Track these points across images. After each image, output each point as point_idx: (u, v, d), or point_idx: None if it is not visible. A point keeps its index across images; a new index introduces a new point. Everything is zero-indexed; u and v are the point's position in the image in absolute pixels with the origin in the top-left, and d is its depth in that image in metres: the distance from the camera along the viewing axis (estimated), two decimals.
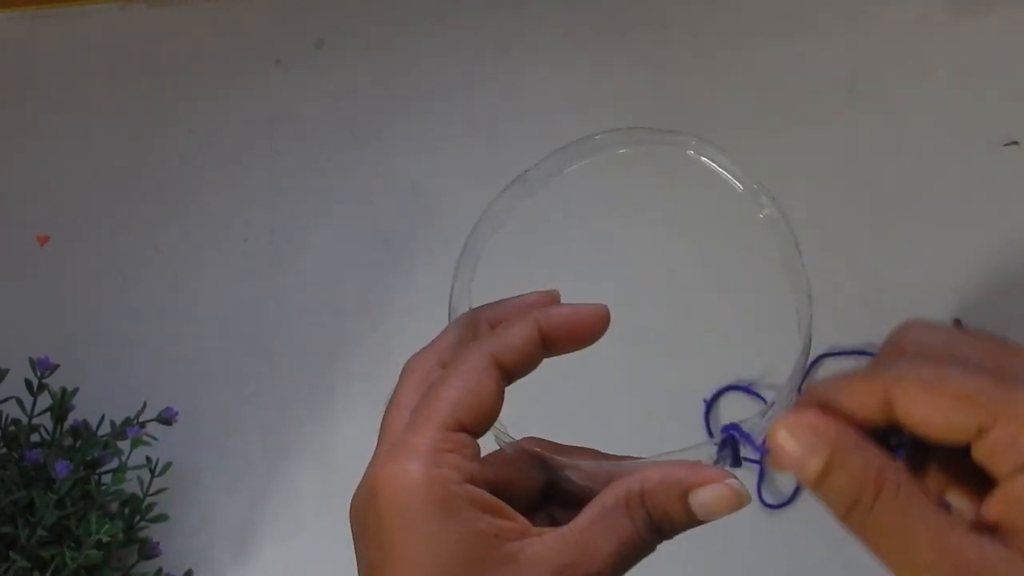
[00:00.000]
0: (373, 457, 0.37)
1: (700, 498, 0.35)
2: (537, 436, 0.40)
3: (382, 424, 0.39)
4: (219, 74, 0.87)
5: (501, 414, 0.38)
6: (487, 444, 0.39)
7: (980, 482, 0.33)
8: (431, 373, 0.39)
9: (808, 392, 0.36)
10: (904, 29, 0.80)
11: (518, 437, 0.40)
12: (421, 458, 0.35)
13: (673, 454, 0.37)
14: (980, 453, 0.32)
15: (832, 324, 0.70)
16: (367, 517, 0.36)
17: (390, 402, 0.39)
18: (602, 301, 0.40)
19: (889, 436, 0.35)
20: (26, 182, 0.85)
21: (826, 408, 0.35)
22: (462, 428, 0.36)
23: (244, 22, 0.89)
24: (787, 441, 0.34)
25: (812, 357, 0.37)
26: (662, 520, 0.36)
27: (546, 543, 0.35)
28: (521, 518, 0.36)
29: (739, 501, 0.36)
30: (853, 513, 0.33)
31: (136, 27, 0.90)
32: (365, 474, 0.37)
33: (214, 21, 0.89)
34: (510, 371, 0.38)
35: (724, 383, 0.71)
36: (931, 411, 0.32)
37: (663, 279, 0.75)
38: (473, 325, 0.41)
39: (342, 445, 0.74)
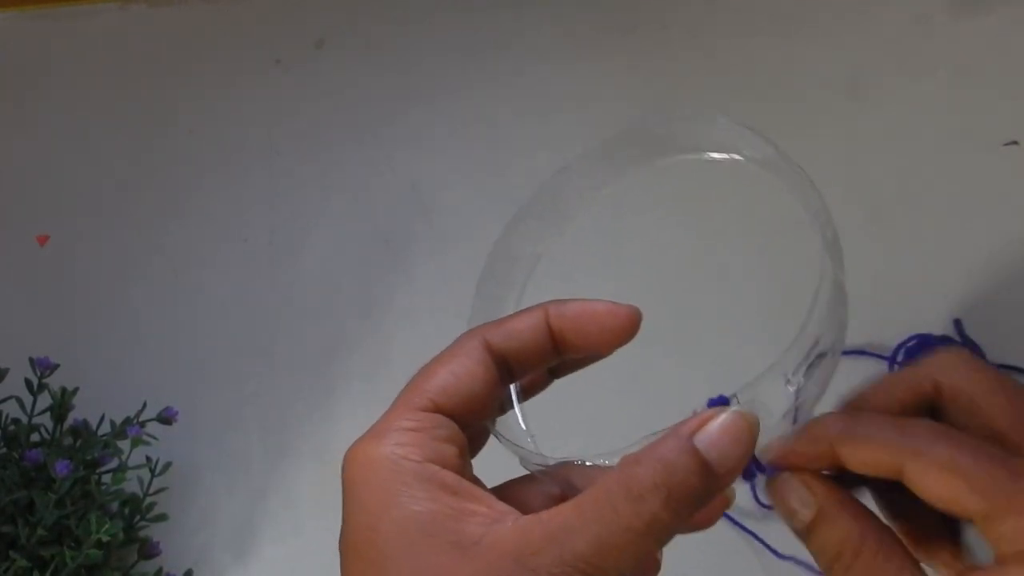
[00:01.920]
0: None
1: (709, 433, 0.31)
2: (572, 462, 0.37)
3: None
4: (219, 74, 0.87)
5: (537, 431, 0.36)
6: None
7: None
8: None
9: (818, 431, 0.35)
10: (904, 29, 0.80)
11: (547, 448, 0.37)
12: (383, 436, 0.35)
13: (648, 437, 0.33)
14: (984, 532, 0.33)
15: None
16: (342, 498, 0.36)
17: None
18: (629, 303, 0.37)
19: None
20: (26, 182, 0.85)
21: (830, 455, 0.35)
22: (437, 409, 0.35)
23: (244, 22, 0.89)
24: (782, 489, 0.35)
25: (809, 359, 0.35)
26: (671, 487, 0.30)
27: (513, 527, 0.32)
28: (501, 506, 0.33)
29: (750, 426, 0.32)
30: (834, 567, 0.34)
31: (136, 27, 0.90)
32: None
33: (214, 21, 0.89)
34: (506, 357, 0.36)
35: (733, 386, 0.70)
36: (943, 491, 0.33)
37: (675, 278, 0.74)
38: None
39: (342, 445, 0.73)
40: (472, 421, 0.36)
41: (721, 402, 0.33)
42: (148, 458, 0.68)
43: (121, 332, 0.79)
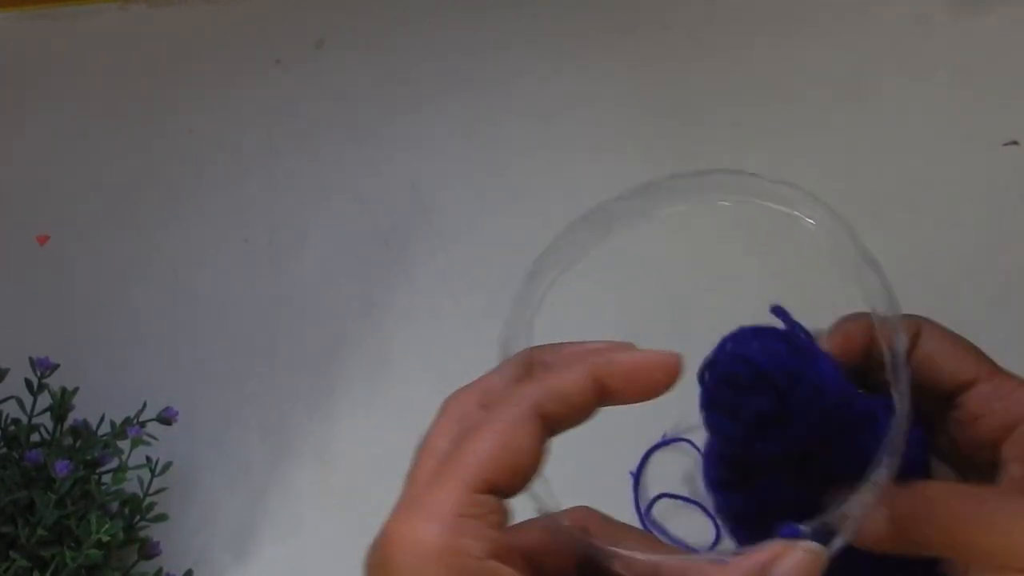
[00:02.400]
0: (395, 505, 0.34)
1: (782, 569, 0.32)
2: (587, 505, 0.36)
3: (411, 467, 0.35)
4: (219, 74, 0.87)
5: (545, 472, 0.34)
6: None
7: None
8: (469, 416, 0.35)
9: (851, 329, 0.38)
10: (904, 29, 0.80)
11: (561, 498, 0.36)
12: (440, 522, 0.31)
13: (730, 552, 0.33)
14: (970, 402, 0.37)
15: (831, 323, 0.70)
16: (375, 572, 0.33)
17: (421, 443, 0.36)
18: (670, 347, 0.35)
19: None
20: (26, 182, 0.85)
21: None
22: (492, 489, 0.32)
23: (244, 22, 0.89)
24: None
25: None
26: None
27: None
28: None
29: (819, 562, 0.32)
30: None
31: (136, 27, 0.90)
32: (383, 525, 0.33)
33: (214, 21, 0.89)
34: (555, 424, 0.34)
35: None
36: (948, 353, 0.38)
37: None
38: (527, 367, 0.36)
39: (342, 445, 0.74)
40: (518, 493, 0.34)
41: (792, 533, 0.33)
42: (148, 458, 0.68)
43: (121, 332, 0.79)
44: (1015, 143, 0.75)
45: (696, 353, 0.37)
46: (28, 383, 0.68)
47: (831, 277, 0.37)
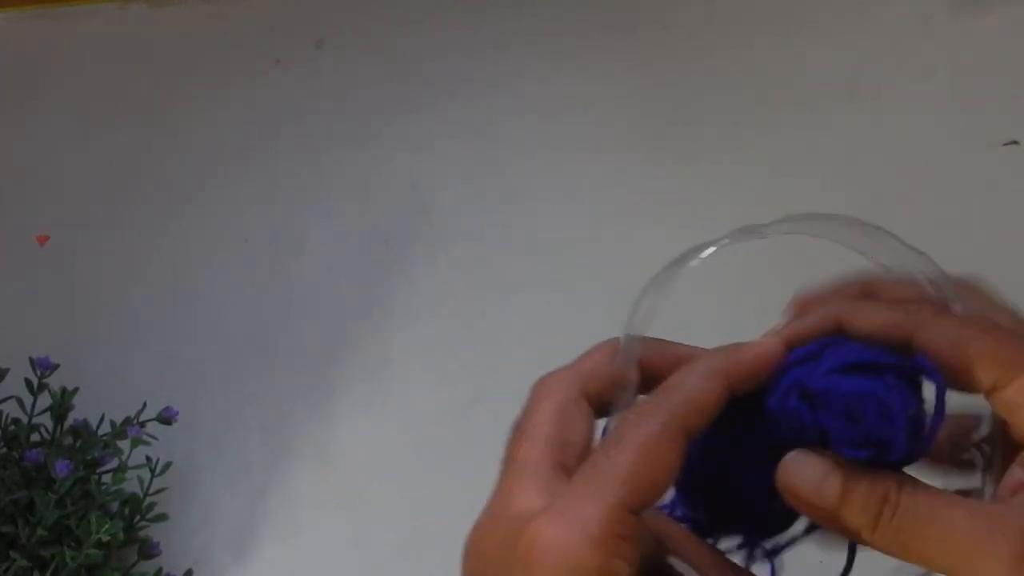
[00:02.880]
0: (509, 491, 0.33)
1: None
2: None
3: (510, 452, 0.34)
4: (219, 74, 0.87)
5: None
6: None
7: None
8: (572, 404, 0.34)
9: (825, 308, 0.35)
10: (904, 29, 0.80)
11: None
12: (595, 539, 0.30)
13: None
14: (994, 403, 0.32)
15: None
16: (505, 570, 0.31)
17: (519, 426, 0.34)
18: None
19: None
20: (26, 182, 0.85)
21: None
22: (639, 509, 0.31)
23: (244, 22, 0.89)
24: (799, 472, 0.33)
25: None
26: None
27: None
28: None
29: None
30: (880, 522, 0.32)
31: (136, 27, 0.90)
32: (504, 512, 0.33)
33: (214, 21, 0.89)
34: (693, 437, 0.33)
35: None
36: (952, 359, 0.32)
37: None
38: (631, 358, 0.35)
39: (342, 445, 0.74)
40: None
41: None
42: (148, 458, 0.68)
43: (121, 332, 0.79)
44: (1015, 143, 0.75)
45: None
46: (28, 383, 0.68)
47: None
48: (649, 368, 0.35)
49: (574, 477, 0.32)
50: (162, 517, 0.68)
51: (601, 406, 0.35)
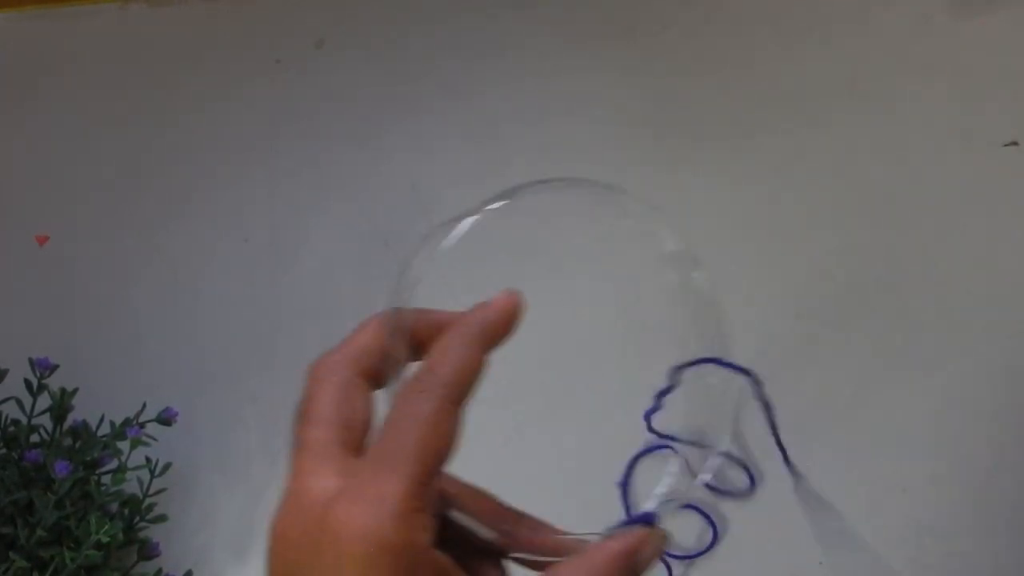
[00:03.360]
0: (303, 474, 0.35)
1: (645, 556, 0.34)
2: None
3: (297, 436, 0.36)
4: (219, 74, 0.87)
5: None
6: None
7: None
8: (350, 383, 0.36)
9: None
10: (904, 29, 0.80)
11: None
12: (395, 514, 0.31)
13: (600, 534, 0.35)
14: None
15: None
16: (314, 555, 0.33)
17: (303, 411, 0.36)
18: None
19: None
20: (26, 182, 0.85)
21: None
22: (430, 480, 0.33)
23: (244, 22, 0.89)
24: None
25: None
26: None
27: None
28: None
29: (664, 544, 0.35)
30: None
31: (136, 27, 0.90)
32: (302, 497, 0.34)
33: (214, 21, 0.89)
34: (466, 400, 0.35)
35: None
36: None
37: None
38: (399, 331, 0.38)
39: None
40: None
41: (646, 519, 0.36)
42: (148, 459, 0.68)
43: (121, 332, 0.79)
44: (1015, 143, 0.75)
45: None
46: (28, 383, 0.68)
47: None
48: (416, 337, 0.38)
49: (366, 456, 0.34)
50: (162, 518, 0.68)
51: (377, 381, 0.37)
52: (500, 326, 0.37)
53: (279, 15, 0.89)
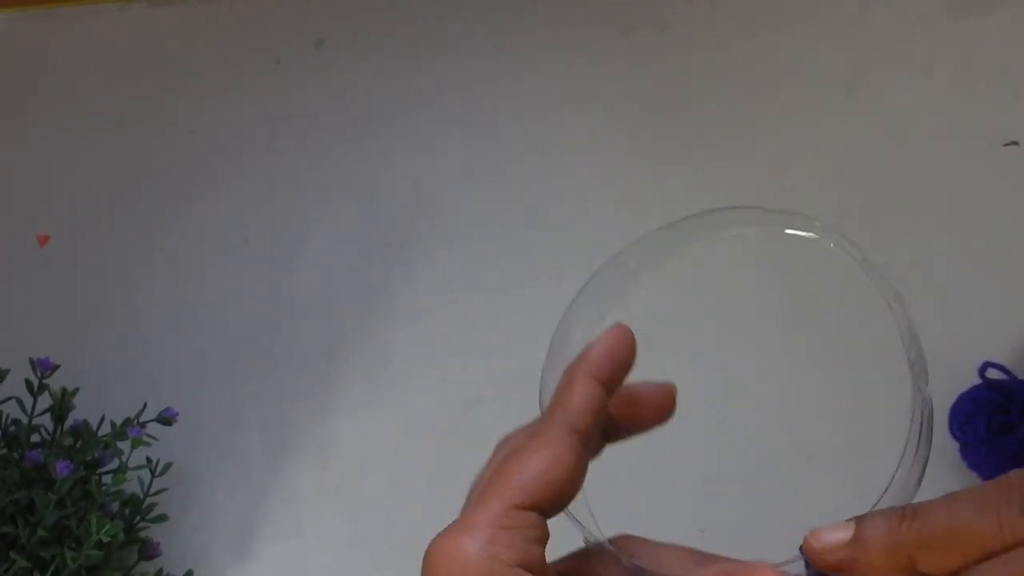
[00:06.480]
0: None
1: None
2: (632, 534, 0.38)
3: (467, 497, 0.38)
4: (219, 74, 0.87)
5: (595, 503, 0.37)
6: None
7: None
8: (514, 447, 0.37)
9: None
10: (904, 29, 0.80)
11: (605, 527, 0.38)
12: (477, 535, 0.34)
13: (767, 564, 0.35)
14: None
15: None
16: None
17: (478, 476, 0.38)
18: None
19: None
20: (26, 182, 0.85)
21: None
22: (532, 505, 0.34)
23: (244, 22, 0.89)
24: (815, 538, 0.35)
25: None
26: None
27: None
28: None
29: None
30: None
31: (136, 27, 0.90)
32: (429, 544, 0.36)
33: (214, 21, 0.89)
34: (588, 436, 0.36)
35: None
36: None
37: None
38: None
39: (342, 445, 0.74)
40: (560, 509, 0.36)
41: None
42: (148, 459, 0.68)
43: (121, 332, 0.79)
44: (1015, 143, 0.75)
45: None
46: (28, 383, 0.68)
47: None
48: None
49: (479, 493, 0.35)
50: (162, 518, 0.68)
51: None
52: (605, 360, 0.38)
53: (279, 15, 0.89)
